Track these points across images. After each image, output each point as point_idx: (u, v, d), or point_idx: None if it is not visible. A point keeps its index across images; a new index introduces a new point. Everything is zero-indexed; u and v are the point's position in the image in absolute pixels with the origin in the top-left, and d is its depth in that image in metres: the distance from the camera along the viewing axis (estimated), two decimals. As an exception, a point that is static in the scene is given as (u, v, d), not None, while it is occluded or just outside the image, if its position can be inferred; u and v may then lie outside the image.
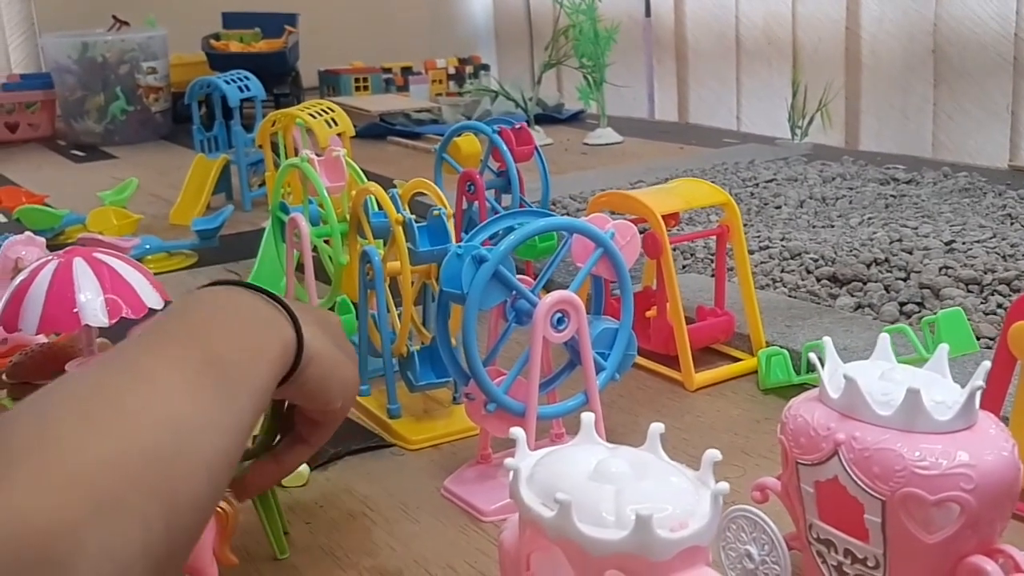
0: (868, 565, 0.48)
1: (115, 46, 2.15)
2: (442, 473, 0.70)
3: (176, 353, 0.45)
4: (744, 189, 1.47)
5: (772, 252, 1.14)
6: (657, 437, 0.45)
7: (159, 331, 0.48)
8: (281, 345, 0.49)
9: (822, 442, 0.48)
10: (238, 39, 2.37)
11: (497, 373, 0.65)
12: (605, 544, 0.39)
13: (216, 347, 0.46)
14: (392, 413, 0.77)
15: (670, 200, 0.86)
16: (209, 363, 0.45)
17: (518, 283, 0.62)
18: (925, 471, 0.45)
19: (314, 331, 0.53)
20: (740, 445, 0.74)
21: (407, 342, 0.76)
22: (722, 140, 1.94)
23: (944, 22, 1.95)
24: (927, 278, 1.00)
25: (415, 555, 0.61)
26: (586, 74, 1.92)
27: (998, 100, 1.87)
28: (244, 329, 0.49)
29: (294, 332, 0.51)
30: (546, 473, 0.44)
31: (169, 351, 0.45)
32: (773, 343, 0.86)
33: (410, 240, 0.73)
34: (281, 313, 0.51)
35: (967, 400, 0.46)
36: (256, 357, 0.48)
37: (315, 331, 0.53)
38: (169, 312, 0.50)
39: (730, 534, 0.55)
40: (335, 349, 0.55)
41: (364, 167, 0.95)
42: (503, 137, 1.00)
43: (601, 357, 0.66)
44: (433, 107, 2.22)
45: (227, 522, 0.53)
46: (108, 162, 2.00)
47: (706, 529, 0.40)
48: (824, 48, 2.18)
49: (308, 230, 0.87)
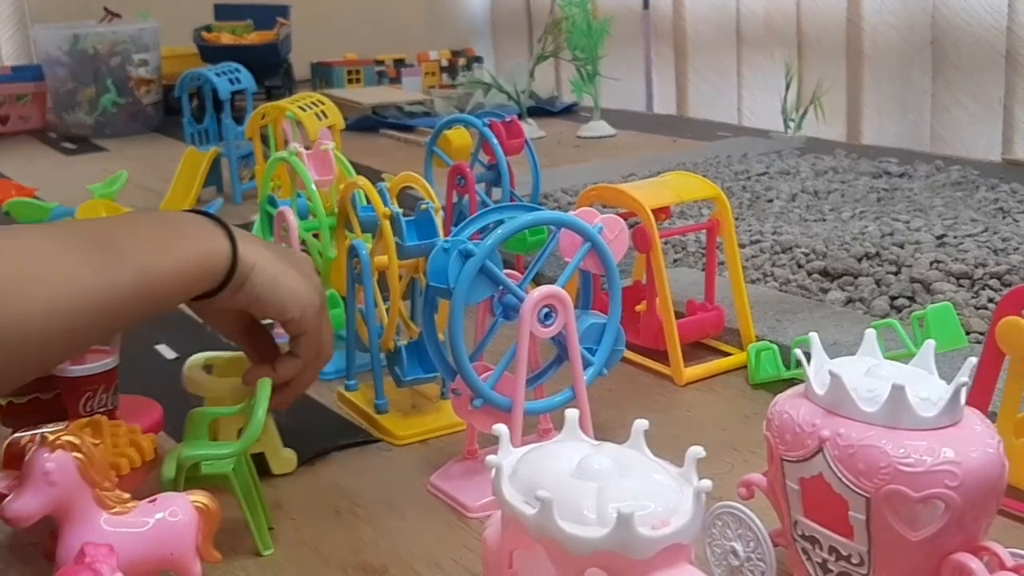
0: (853, 562, 0.48)
1: (106, 38, 2.13)
2: (429, 468, 0.70)
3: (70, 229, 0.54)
4: (736, 182, 1.47)
5: (763, 246, 1.14)
6: (641, 434, 0.45)
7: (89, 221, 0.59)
8: (203, 249, 0.57)
9: (807, 439, 0.48)
10: (230, 31, 2.36)
11: (484, 368, 0.64)
12: (586, 542, 0.39)
13: (110, 232, 0.54)
14: (379, 408, 0.77)
15: (660, 194, 0.86)
16: (94, 240, 0.53)
17: (505, 278, 0.62)
18: (910, 468, 0.44)
19: (257, 249, 0.60)
20: (729, 440, 0.74)
21: (395, 337, 0.76)
22: (716, 133, 1.94)
23: (941, 14, 1.94)
24: (918, 272, 1.00)
25: (400, 551, 0.61)
26: (579, 67, 1.91)
27: (992, 93, 1.87)
28: (159, 231, 0.57)
29: (229, 243, 0.58)
30: (529, 470, 0.43)
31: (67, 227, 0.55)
32: (763, 338, 0.86)
33: (397, 234, 0.73)
34: (219, 229, 0.59)
35: (952, 397, 0.46)
36: (158, 248, 0.55)
37: (258, 249, 0.61)
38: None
39: (716, 530, 0.55)
40: (281, 263, 0.62)
41: (356, 160, 0.95)
42: (493, 130, 0.99)
43: (589, 352, 0.66)
44: (426, 100, 2.22)
45: (210, 519, 0.53)
46: (99, 154, 1.99)
47: (688, 527, 0.40)
48: (825, 39, 2.17)
49: (296, 224, 0.87)
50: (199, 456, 0.59)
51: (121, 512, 0.50)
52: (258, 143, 1.31)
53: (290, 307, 0.62)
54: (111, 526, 0.50)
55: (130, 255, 0.54)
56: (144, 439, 0.60)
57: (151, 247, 0.55)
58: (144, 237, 0.56)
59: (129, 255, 0.54)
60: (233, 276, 0.59)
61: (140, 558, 0.50)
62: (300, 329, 0.63)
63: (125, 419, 0.64)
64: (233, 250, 0.59)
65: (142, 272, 0.54)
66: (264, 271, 0.60)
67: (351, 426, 0.77)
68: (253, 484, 0.61)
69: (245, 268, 0.59)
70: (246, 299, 0.60)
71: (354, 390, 0.81)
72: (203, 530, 0.52)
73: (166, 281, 0.55)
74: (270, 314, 0.63)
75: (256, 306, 0.62)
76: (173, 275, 0.55)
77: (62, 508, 0.49)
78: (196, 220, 0.60)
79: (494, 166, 1.00)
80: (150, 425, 0.66)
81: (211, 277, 0.58)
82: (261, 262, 0.60)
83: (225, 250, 0.58)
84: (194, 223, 0.59)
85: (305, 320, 0.63)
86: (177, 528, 0.51)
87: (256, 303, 0.61)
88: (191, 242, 0.57)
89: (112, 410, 0.67)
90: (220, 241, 0.58)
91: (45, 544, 0.59)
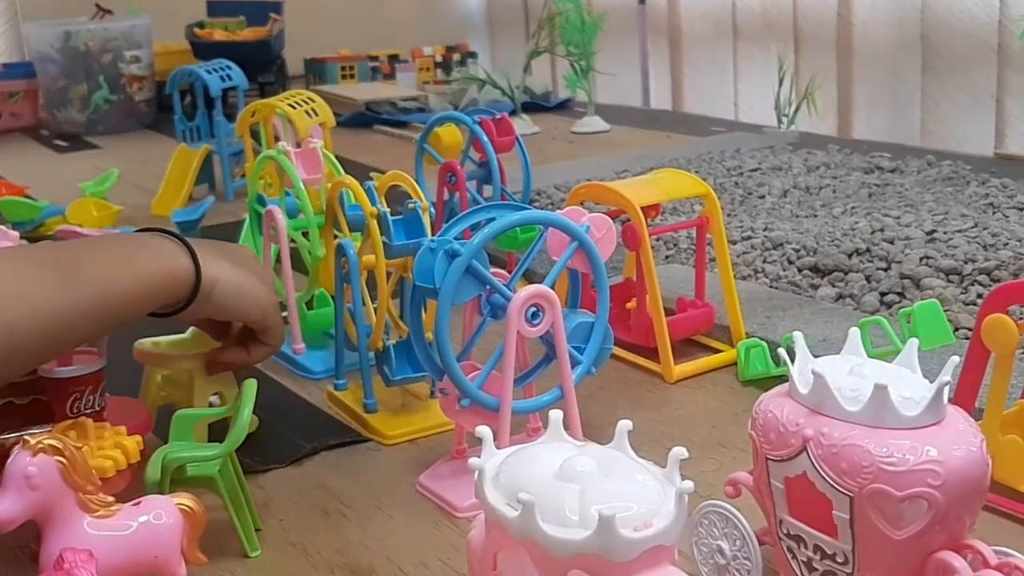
0: (837, 561, 0.48)
1: (98, 35, 2.13)
2: (418, 468, 0.70)
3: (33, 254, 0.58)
4: (729, 178, 1.47)
5: (754, 242, 1.14)
6: (625, 435, 0.45)
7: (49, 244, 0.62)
8: (165, 268, 0.61)
9: (791, 438, 0.48)
10: (223, 27, 2.35)
11: (472, 368, 0.64)
12: (568, 544, 0.39)
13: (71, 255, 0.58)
14: (368, 408, 0.77)
15: (650, 191, 0.86)
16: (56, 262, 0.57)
17: (491, 277, 0.62)
18: (893, 467, 0.44)
19: (217, 262, 0.64)
20: (718, 438, 0.74)
21: (383, 336, 0.75)
22: (710, 129, 1.94)
23: (931, 8, 1.94)
24: (908, 268, 1.00)
25: (388, 551, 0.61)
26: (573, 62, 1.91)
27: (984, 88, 1.87)
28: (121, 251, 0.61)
29: (191, 261, 0.62)
30: (512, 472, 0.43)
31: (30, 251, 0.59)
32: (753, 334, 0.86)
33: (385, 233, 0.73)
34: (181, 248, 0.63)
35: (935, 396, 0.46)
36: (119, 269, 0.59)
37: (218, 262, 0.64)
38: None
39: (702, 529, 0.55)
40: (241, 275, 0.65)
41: (349, 156, 0.95)
42: (484, 128, 0.99)
43: (577, 351, 0.66)
44: (420, 96, 2.21)
45: (195, 521, 0.53)
46: (91, 152, 1.99)
47: (671, 528, 0.40)
48: (815, 35, 2.17)
49: (285, 223, 0.87)
50: (184, 458, 0.58)
51: (105, 515, 0.50)
52: (248, 140, 1.30)
53: (252, 312, 0.66)
54: (94, 529, 0.50)
55: (89, 273, 0.58)
56: (130, 441, 0.60)
57: (110, 266, 0.59)
58: (105, 256, 0.60)
59: (88, 273, 0.58)
60: (198, 293, 0.62)
61: (124, 562, 0.50)
62: (262, 327, 0.68)
63: (112, 421, 0.64)
64: (196, 268, 0.62)
65: (101, 289, 0.58)
66: (227, 283, 0.64)
67: (340, 426, 0.77)
68: (239, 485, 0.61)
69: (208, 284, 0.63)
70: (211, 310, 0.64)
71: (343, 389, 0.81)
72: (188, 532, 0.52)
73: (124, 296, 0.59)
74: (234, 319, 0.69)
75: (220, 314, 0.66)
76: (132, 291, 0.59)
77: (44, 512, 0.49)
78: (159, 239, 0.63)
79: (485, 163, 0.99)
80: (137, 426, 0.66)
81: (174, 293, 0.62)
82: (224, 276, 0.64)
83: (187, 268, 0.62)
84: (157, 242, 0.63)
85: (267, 319, 0.68)
86: (162, 531, 0.51)
87: (220, 312, 0.65)
88: (153, 260, 0.61)
89: (99, 411, 0.67)
90: (182, 259, 0.62)
91: (31, 548, 0.59)
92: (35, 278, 0.56)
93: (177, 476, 0.58)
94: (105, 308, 0.58)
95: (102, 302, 0.58)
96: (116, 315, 0.59)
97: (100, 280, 0.58)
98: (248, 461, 0.64)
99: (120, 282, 0.59)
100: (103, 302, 0.58)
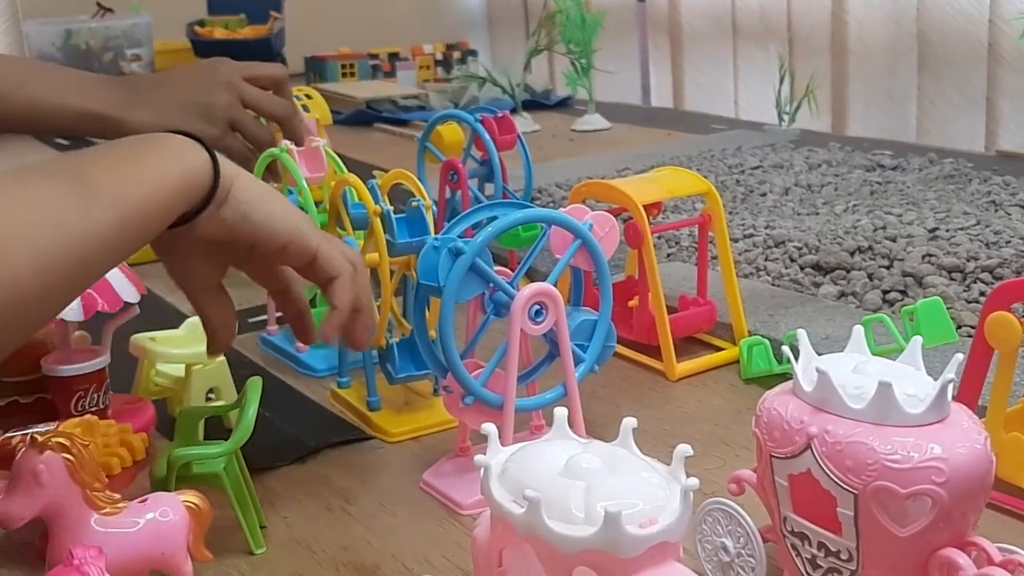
0: (841, 558, 0.48)
1: (99, 33, 2.13)
2: (422, 466, 0.70)
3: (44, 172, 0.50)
4: (730, 176, 1.47)
5: (756, 240, 1.14)
6: (630, 432, 0.45)
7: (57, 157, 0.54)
8: (183, 165, 0.53)
9: (795, 435, 0.48)
10: (223, 25, 2.35)
11: (476, 366, 0.64)
12: (573, 541, 0.39)
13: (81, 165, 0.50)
14: (372, 406, 0.77)
15: (652, 190, 0.86)
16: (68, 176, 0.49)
17: (495, 275, 0.62)
18: (897, 464, 0.44)
19: (239, 168, 0.56)
20: (721, 435, 0.74)
21: (387, 334, 0.76)
22: (711, 126, 1.94)
23: (926, 7, 1.94)
24: (910, 266, 1.00)
25: (392, 549, 0.61)
26: (573, 60, 1.91)
27: (976, 86, 1.87)
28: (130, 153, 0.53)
29: (207, 155, 0.54)
30: (517, 469, 0.43)
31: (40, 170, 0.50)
32: (755, 332, 0.86)
33: (388, 232, 0.73)
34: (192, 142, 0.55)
35: (939, 393, 0.46)
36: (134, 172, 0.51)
37: (241, 169, 0.56)
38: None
39: (706, 527, 0.55)
40: (265, 186, 0.57)
41: (350, 154, 0.95)
42: (485, 126, 0.99)
43: (580, 349, 0.66)
44: (420, 94, 2.21)
45: (201, 518, 0.53)
46: (93, 150, 1.99)
47: (676, 525, 0.40)
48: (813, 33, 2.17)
49: (288, 221, 0.87)
50: (189, 455, 0.59)
51: (112, 513, 0.51)
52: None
53: (281, 226, 0.56)
54: (101, 527, 0.50)
55: (106, 183, 0.50)
56: (135, 438, 0.60)
57: (124, 171, 0.51)
58: (116, 162, 0.52)
59: (104, 183, 0.50)
60: (216, 189, 0.54)
61: (131, 558, 0.50)
62: (307, 254, 0.57)
63: (116, 418, 0.64)
64: (214, 162, 0.54)
65: (121, 199, 0.50)
66: (248, 185, 0.56)
67: (343, 423, 0.78)
68: (244, 482, 0.61)
69: (227, 179, 0.54)
70: (232, 216, 0.55)
71: (347, 387, 0.81)
72: (194, 530, 0.52)
73: (146, 204, 0.51)
74: (261, 236, 0.56)
75: (244, 226, 0.55)
76: (154, 196, 0.52)
77: (52, 509, 0.49)
78: (167, 136, 0.55)
79: (487, 162, 0.99)
80: (142, 424, 0.66)
81: (193, 192, 0.53)
82: (243, 176, 0.56)
83: (204, 161, 0.54)
84: (167, 139, 0.55)
85: (307, 240, 0.56)
86: (168, 528, 0.51)
87: (244, 221, 0.55)
88: (167, 159, 0.53)
89: (104, 409, 0.67)
90: (198, 153, 0.54)
91: (37, 545, 0.59)
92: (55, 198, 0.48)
93: (183, 473, 0.58)
94: (129, 220, 0.50)
95: (124, 213, 0.50)
96: (141, 227, 0.51)
97: (118, 189, 0.50)
98: (252, 459, 0.64)
99: (139, 187, 0.51)
100: (125, 213, 0.50)
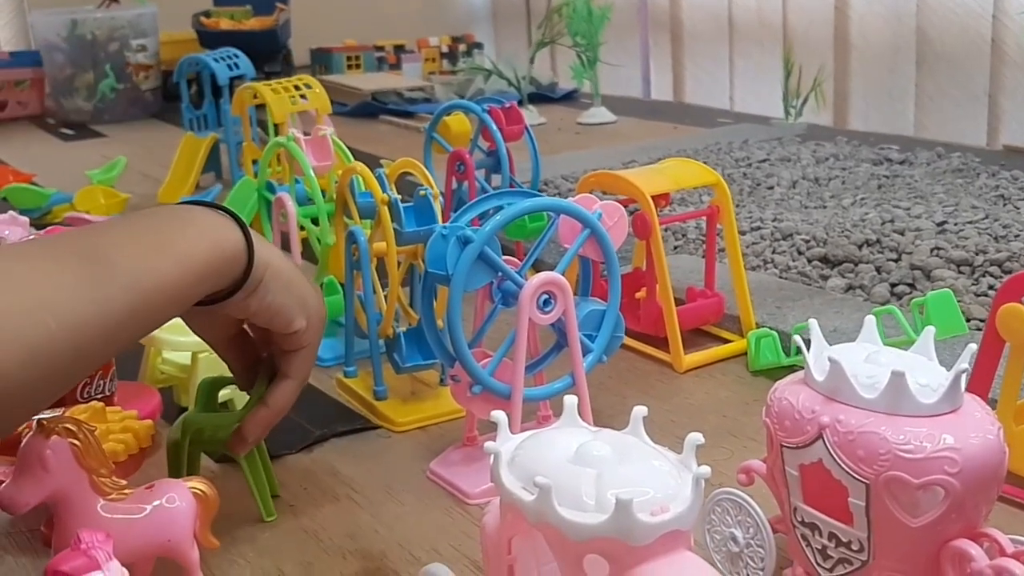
0: (852, 548, 0.48)
1: (104, 23, 2.12)
2: (428, 455, 0.69)
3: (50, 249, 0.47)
4: (737, 169, 1.46)
5: (764, 233, 1.14)
6: (640, 420, 0.45)
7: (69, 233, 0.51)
8: (211, 245, 0.50)
9: (807, 425, 0.47)
10: (229, 16, 2.34)
11: (483, 355, 0.64)
12: (585, 528, 0.39)
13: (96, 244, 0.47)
14: (378, 395, 0.77)
15: (660, 180, 0.85)
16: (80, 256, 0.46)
17: (504, 264, 0.62)
18: (909, 454, 0.44)
19: (271, 249, 0.54)
20: (728, 427, 0.73)
21: (393, 323, 0.75)
22: (716, 120, 1.93)
23: (927, 3, 1.93)
24: (918, 259, 1.00)
25: (399, 538, 0.61)
26: (579, 53, 1.90)
27: (978, 82, 1.86)
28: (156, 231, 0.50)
29: (243, 237, 0.51)
30: (527, 457, 0.43)
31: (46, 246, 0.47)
32: (763, 324, 0.86)
33: (396, 220, 0.72)
34: (227, 219, 0.52)
35: (952, 383, 0.45)
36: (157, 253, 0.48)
37: (272, 250, 0.54)
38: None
39: (715, 517, 0.55)
40: (292, 267, 0.55)
41: (355, 146, 0.95)
42: (493, 116, 0.99)
43: (588, 339, 0.66)
44: (426, 86, 2.21)
45: (208, 505, 0.53)
46: (97, 140, 1.99)
47: (687, 513, 0.40)
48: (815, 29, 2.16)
49: (295, 210, 0.86)
50: (202, 419, 0.59)
51: (118, 499, 0.50)
52: (246, 121, 1.30)
53: (298, 318, 0.55)
54: (108, 512, 0.50)
55: (122, 265, 0.46)
56: (141, 426, 0.60)
57: (146, 251, 0.48)
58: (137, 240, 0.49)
59: (121, 265, 0.46)
60: (249, 275, 0.51)
61: (137, 545, 0.50)
62: (301, 344, 0.56)
63: (123, 406, 0.64)
64: (248, 245, 0.51)
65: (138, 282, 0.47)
66: (280, 273, 0.53)
67: (350, 413, 0.77)
68: (257, 450, 0.61)
69: (260, 269, 0.51)
70: (257, 305, 0.53)
71: (353, 377, 0.81)
72: (201, 516, 0.52)
73: (167, 287, 0.48)
74: (277, 324, 0.55)
75: (265, 314, 0.54)
76: (176, 280, 0.48)
77: (58, 495, 0.49)
78: (198, 211, 0.51)
79: (494, 152, 0.99)
80: (148, 412, 0.66)
81: (222, 274, 0.50)
82: (276, 262, 0.53)
83: (238, 244, 0.50)
84: (198, 214, 0.51)
85: (310, 331, 0.56)
86: (174, 514, 0.51)
87: (267, 311, 0.54)
88: (196, 237, 0.50)
89: (110, 396, 0.67)
90: (231, 233, 0.51)
91: (43, 531, 0.59)
92: (58, 281, 0.44)
93: (195, 438, 0.59)
94: (145, 306, 0.47)
95: (141, 299, 0.46)
96: (159, 312, 0.48)
97: (136, 272, 0.46)
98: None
99: (160, 270, 0.47)
100: (143, 299, 0.46)
